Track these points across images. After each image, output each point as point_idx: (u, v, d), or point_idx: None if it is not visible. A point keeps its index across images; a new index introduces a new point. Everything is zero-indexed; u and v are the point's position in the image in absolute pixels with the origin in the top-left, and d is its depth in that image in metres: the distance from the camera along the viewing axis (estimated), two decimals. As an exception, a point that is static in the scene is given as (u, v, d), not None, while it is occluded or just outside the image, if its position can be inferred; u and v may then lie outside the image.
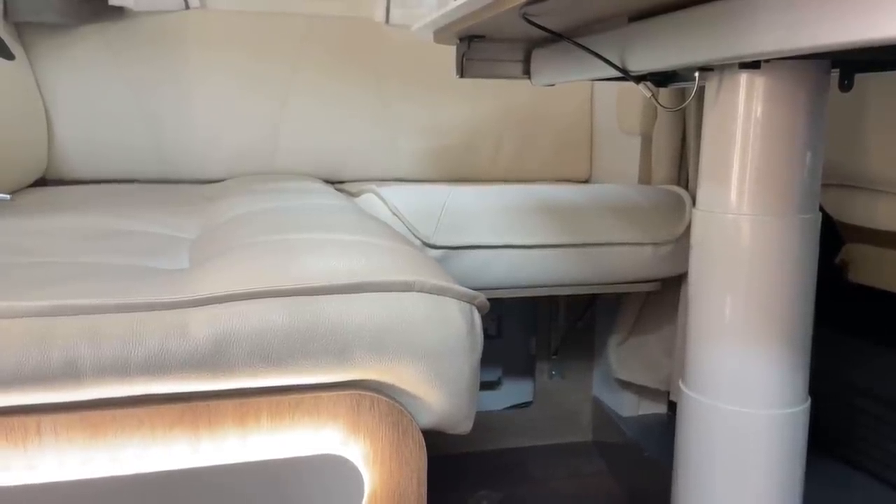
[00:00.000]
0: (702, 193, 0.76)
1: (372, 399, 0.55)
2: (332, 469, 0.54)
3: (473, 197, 1.14)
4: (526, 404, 1.56)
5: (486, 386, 1.56)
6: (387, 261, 0.60)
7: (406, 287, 0.56)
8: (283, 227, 0.72)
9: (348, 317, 0.53)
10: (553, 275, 1.15)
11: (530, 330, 1.53)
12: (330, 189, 1.22)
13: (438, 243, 1.05)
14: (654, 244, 1.15)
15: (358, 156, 1.47)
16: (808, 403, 0.74)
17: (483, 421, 1.54)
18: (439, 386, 0.56)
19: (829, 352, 1.18)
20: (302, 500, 0.54)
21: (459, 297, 0.58)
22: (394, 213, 1.06)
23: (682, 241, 1.16)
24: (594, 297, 1.46)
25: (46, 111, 1.31)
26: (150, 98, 1.36)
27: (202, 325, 0.51)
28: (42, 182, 1.34)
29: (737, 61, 0.64)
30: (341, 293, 0.54)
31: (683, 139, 1.35)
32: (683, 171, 1.35)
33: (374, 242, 0.66)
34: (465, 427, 0.60)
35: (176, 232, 0.80)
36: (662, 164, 1.31)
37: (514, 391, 1.57)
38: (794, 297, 0.71)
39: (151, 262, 0.66)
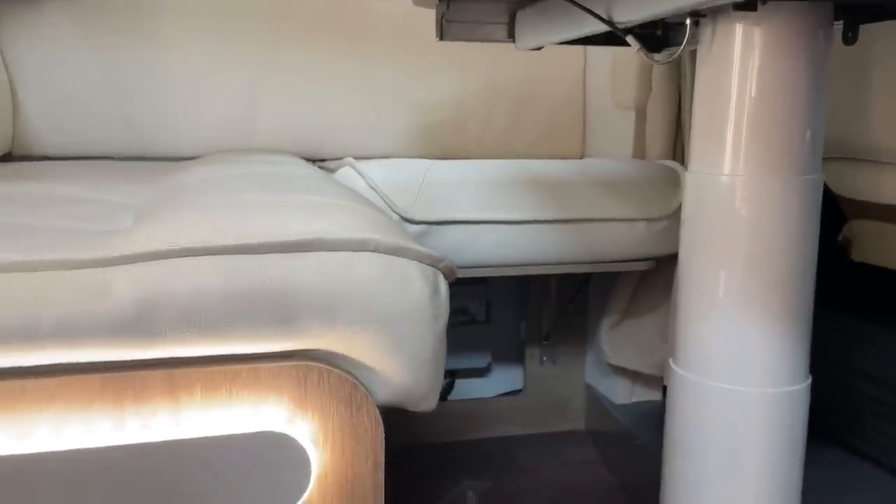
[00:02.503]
0: (694, 154, 0.70)
1: (321, 371, 0.49)
2: (275, 449, 0.48)
3: (456, 170, 1.08)
4: (516, 392, 1.50)
5: (474, 373, 1.50)
6: (343, 219, 0.54)
7: (360, 246, 0.50)
8: (239, 188, 0.66)
9: (294, 278, 0.48)
10: (542, 253, 1.09)
11: (520, 314, 1.47)
12: (304, 162, 1.17)
13: (417, 218, 0.99)
14: (648, 220, 1.09)
15: (340, 132, 1.41)
16: (808, 382, 0.68)
17: (471, 409, 1.48)
18: (398, 357, 0.51)
19: (830, 334, 1.12)
20: (242, 483, 0.48)
21: (421, 258, 0.52)
22: (370, 187, 1.00)
23: (677, 217, 1.10)
24: (586, 278, 1.40)
25: (11, 84, 1.25)
26: (121, 71, 1.30)
27: (124, 286, 0.45)
28: (8, 158, 1.28)
29: (731, 0, 0.57)
30: (286, 252, 0.48)
31: (679, 113, 1.29)
32: (679, 145, 1.29)
33: (334, 202, 0.60)
34: (428, 404, 0.55)
35: (129, 199, 0.74)
36: (657, 138, 1.26)
37: (503, 378, 1.51)
38: (794, 265, 0.65)
39: (93, 225, 0.60)
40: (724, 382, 0.67)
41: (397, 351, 0.50)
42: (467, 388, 1.50)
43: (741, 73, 0.64)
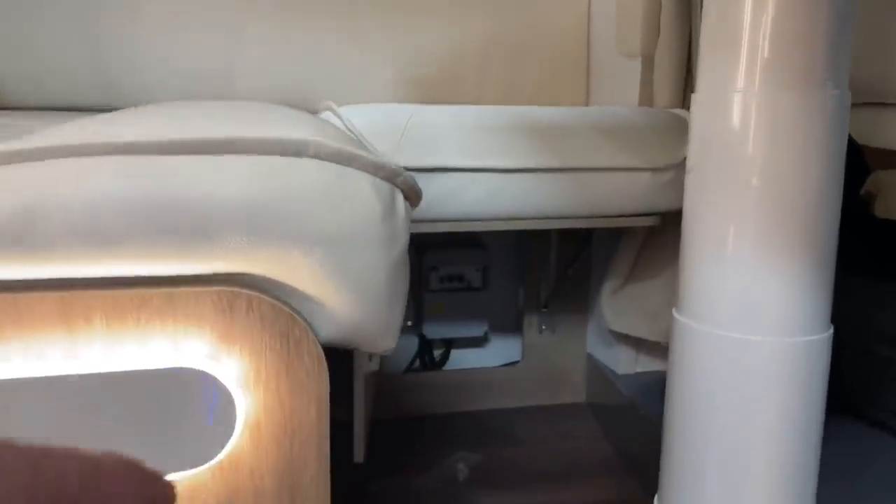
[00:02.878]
0: (702, 71, 0.61)
1: (250, 299, 0.41)
2: (195, 389, 0.40)
3: (444, 114, 0.99)
4: (514, 363, 1.42)
5: (471, 343, 1.43)
6: (284, 123, 0.46)
7: (297, 149, 0.41)
8: (180, 106, 0.58)
9: (213, 185, 0.39)
10: (537, 204, 1.00)
11: (518, 281, 1.39)
12: (287, 107, 1.08)
13: (401, 164, 0.91)
14: (653, 170, 1.00)
15: (325, 86, 1.32)
16: (830, 332, 0.60)
17: (467, 379, 1.41)
18: (343, 285, 0.42)
19: (851, 295, 1.03)
20: (152, 428, 0.40)
21: (374, 170, 0.44)
22: (348, 129, 0.92)
23: (685, 167, 1.01)
24: (587, 239, 1.32)
25: (-25, 29, 1.17)
26: (92, 18, 1.22)
27: (4, 190, 0.37)
28: (-27, 109, 1.21)
29: None
30: (204, 153, 0.40)
31: (689, 61, 1.20)
32: (688, 96, 1.19)
33: (283, 115, 0.52)
34: (385, 344, 0.47)
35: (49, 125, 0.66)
36: (665, 87, 1.16)
37: (501, 349, 1.44)
38: (817, 196, 0.56)
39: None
40: (735, 331, 0.59)
41: (342, 279, 0.42)
42: (463, 358, 1.42)
43: (759, -29, 0.55)
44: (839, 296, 0.63)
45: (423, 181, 0.92)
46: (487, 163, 0.95)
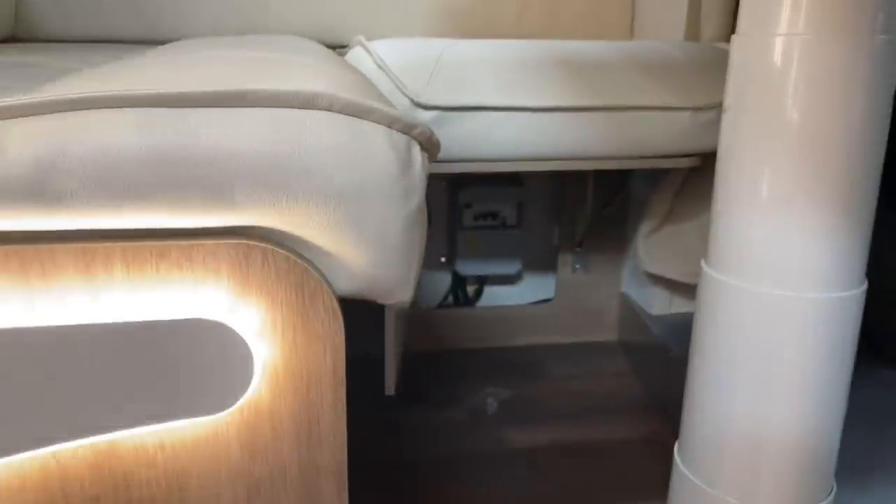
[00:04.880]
0: (745, 12, 0.57)
1: (265, 251, 0.42)
2: (213, 339, 0.42)
3: (478, 48, 0.96)
4: (547, 300, 1.42)
5: (504, 280, 1.43)
6: (299, 74, 0.45)
7: (309, 102, 0.41)
8: (198, 48, 0.57)
9: (227, 138, 0.39)
10: (573, 145, 0.97)
11: (553, 218, 1.38)
12: (318, 45, 1.06)
13: (431, 102, 0.89)
14: (694, 109, 0.96)
15: (359, 15, 1.29)
16: (864, 287, 0.58)
17: (500, 316, 1.42)
18: (358, 240, 0.43)
19: (889, 235, 0.99)
20: (173, 375, 0.42)
21: (390, 122, 0.43)
22: (379, 66, 0.90)
23: (727, 107, 0.97)
24: (625, 179, 1.29)
25: (11, -40, 1.17)
26: (126, -54, 1.20)
27: (21, 142, 0.38)
28: (13, 40, 1.22)
29: None
30: (217, 106, 0.40)
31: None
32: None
33: (302, 61, 0.51)
34: (402, 295, 0.47)
35: (85, 66, 0.66)
36: (713, 18, 1.10)
37: (534, 286, 1.44)
38: (859, 148, 0.53)
39: (20, 84, 0.53)
40: (764, 286, 0.57)
41: (357, 233, 0.42)
42: (496, 295, 1.43)
43: None
44: (880, 235, 0.60)
45: (455, 120, 0.91)
46: (522, 101, 0.92)
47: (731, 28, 1.10)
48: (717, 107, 0.96)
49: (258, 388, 0.43)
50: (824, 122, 0.53)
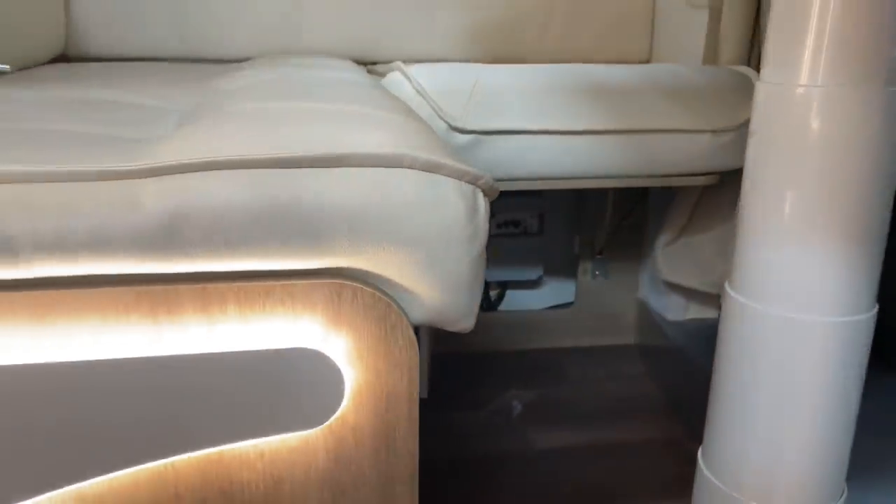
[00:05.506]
0: (767, 63, 0.63)
1: (354, 289, 0.48)
2: (309, 365, 0.48)
3: (510, 75, 1.02)
4: (567, 305, 1.49)
5: (525, 285, 1.49)
6: (379, 132, 0.51)
7: (394, 162, 0.47)
8: (276, 95, 0.63)
9: (325, 194, 0.46)
10: (598, 165, 1.04)
11: (574, 227, 1.44)
12: (354, 66, 1.13)
13: (468, 126, 0.95)
14: (713, 132, 1.02)
15: (392, 34, 1.35)
16: (874, 311, 0.64)
17: (522, 320, 1.48)
18: (432, 278, 0.49)
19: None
20: (275, 396, 0.48)
21: (459, 176, 0.49)
22: (418, 92, 0.96)
23: (745, 130, 1.03)
24: (644, 191, 1.35)
25: (62, -17, 1.24)
26: (170, -29, 1.27)
27: (154, 199, 0.44)
28: (64, 58, 1.28)
29: None
30: (317, 166, 0.46)
31: (758, 13, 1.18)
32: (756, 50, 1.19)
33: (372, 113, 0.57)
34: (465, 324, 0.53)
35: (169, 105, 0.73)
36: (731, 41, 1.16)
37: (554, 291, 1.50)
38: (870, 186, 0.59)
39: (131, 132, 0.59)
40: (783, 310, 0.63)
41: (431, 272, 0.49)
42: (518, 300, 1.49)
43: (828, -33, 0.56)
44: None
45: (490, 143, 0.97)
46: (550, 125, 0.99)
47: (749, 51, 1.16)
48: (735, 129, 1.02)
49: (347, 406, 0.50)
50: (840, 166, 0.59)
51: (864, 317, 0.63)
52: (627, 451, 1.14)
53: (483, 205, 0.51)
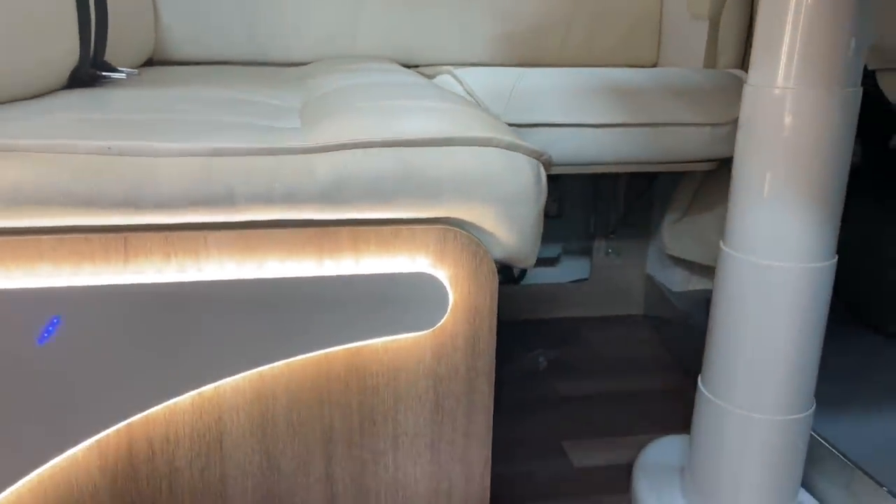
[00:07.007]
0: (754, 69, 0.83)
1: (456, 233, 0.68)
2: (425, 285, 0.68)
3: (542, 79, 1.22)
4: (583, 280, 1.68)
5: (545, 262, 1.68)
6: (469, 122, 0.71)
7: (486, 143, 0.68)
8: (376, 96, 0.84)
9: (441, 166, 0.66)
10: (616, 153, 1.24)
11: (589, 210, 1.63)
12: (409, 70, 1.33)
13: (508, 121, 1.16)
14: (713, 125, 1.22)
15: (432, 41, 1.55)
16: (835, 260, 0.84)
17: (542, 292, 1.67)
18: (509, 226, 0.69)
19: (866, 224, 1.25)
20: (400, 307, 0.68)
21: (529, 153, 0.70)
22: (468, 92, 1.16)
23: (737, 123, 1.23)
24: (653, 178, 1.54)
25: (152, -4, 1.43)
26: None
27: (326, 168, 0.64)
28: (149, 63, 1.48)
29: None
30: (436, 146, 0.66)
31: (751, 25, 1.38)
32: (749, 55, 1.39)
33: (457, 108, 0.77)
34: (529, 262, 0.73)
35: (283, 102, 0.93)
36: (728, 48, 1.35)
37: (572, 267, 1.69)
38: (830, 166, 0.79)
39: (273, 123, 0.79)
40: (764, 259, 0.83)
41: (509, 222, 0.69)
42: (539, 275, 1.69)
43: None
44: (860, 226, 0.81)
45: (526, 134, 1.18)
46: (575, 119, 1.19)
47: (744, 57, 1.36)
48: (731, 123, 1.22)
49: (448, 316, 0.70)
50: (806, 151, 0.79)
51: (827, 264, 0.83)
52: (639, 397, 1.34)
53: (544, 175, 0.71)
